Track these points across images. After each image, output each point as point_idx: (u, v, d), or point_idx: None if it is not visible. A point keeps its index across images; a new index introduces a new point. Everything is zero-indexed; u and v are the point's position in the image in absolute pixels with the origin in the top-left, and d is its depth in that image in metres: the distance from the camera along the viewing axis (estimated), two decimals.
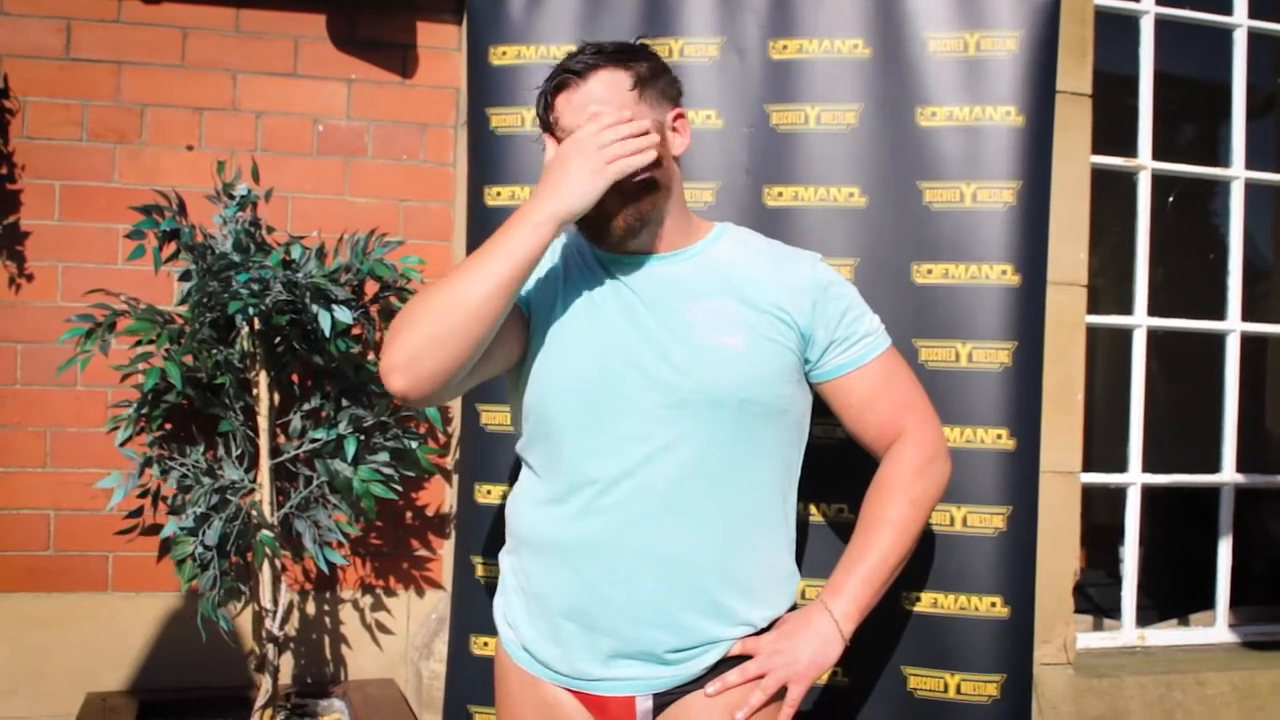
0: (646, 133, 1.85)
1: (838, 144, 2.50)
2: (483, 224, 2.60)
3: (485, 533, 2.53)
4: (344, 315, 2.95)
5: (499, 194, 2.59)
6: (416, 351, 1.82)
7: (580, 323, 1.93)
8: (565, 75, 1.89)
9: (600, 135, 1.81)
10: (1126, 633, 3.85)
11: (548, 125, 1.93)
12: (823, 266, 2.00)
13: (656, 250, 1.96)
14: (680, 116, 1.97)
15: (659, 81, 1.95)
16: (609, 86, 1.88)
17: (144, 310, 3.06)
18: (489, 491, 2.56)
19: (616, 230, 1.89)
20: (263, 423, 3.07)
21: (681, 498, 1.86)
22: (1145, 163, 3.83)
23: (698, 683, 1.90)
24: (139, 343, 3.06)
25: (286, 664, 3.44)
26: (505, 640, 2.02)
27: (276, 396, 3.14)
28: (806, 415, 2.01)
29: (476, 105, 2.64)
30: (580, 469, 1.90)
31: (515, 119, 2.59)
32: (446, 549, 3.53)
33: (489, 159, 2.61)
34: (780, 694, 1.90)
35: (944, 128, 2.47)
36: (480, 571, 2.58)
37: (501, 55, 2.60)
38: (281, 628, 3.08)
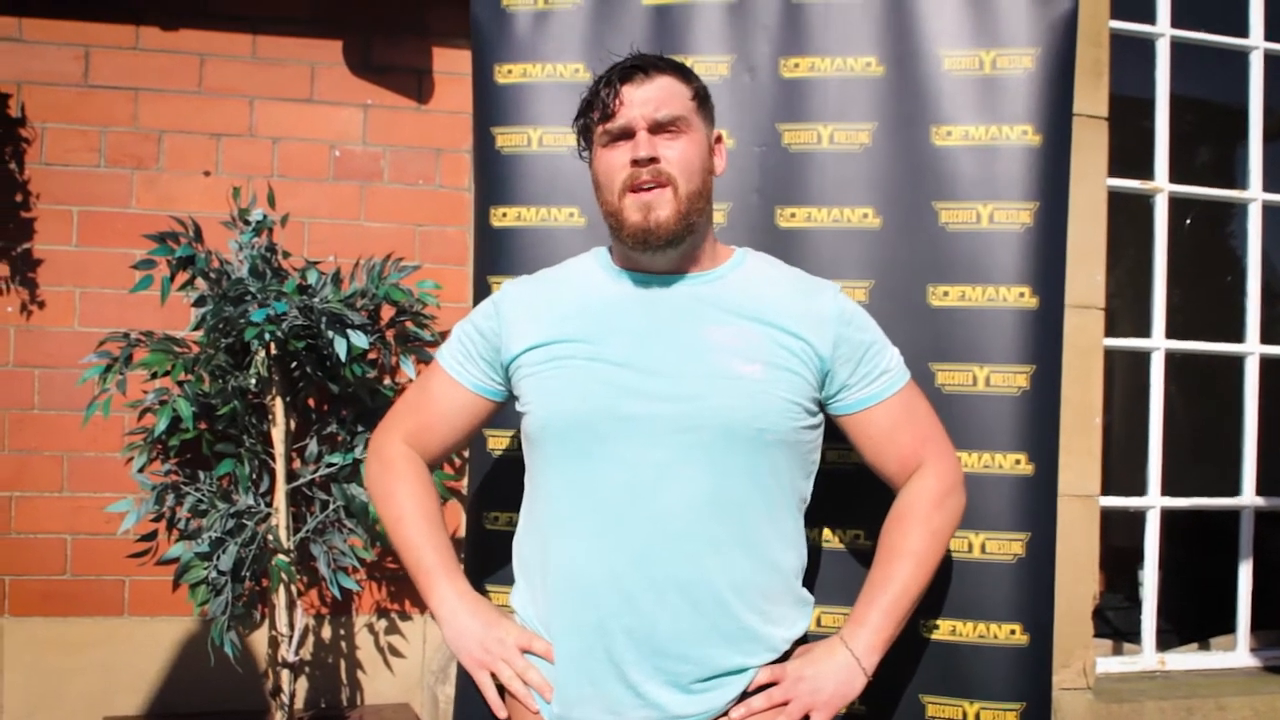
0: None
1: (851, 164, 2.46)
2: (490, 245, 2.55)
3: (494, 559, 2.51)
4: (360, 340, 2.95)
5: (505, 215, 2.54)
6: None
7: (592, 347, 1.91)
8: (633, 69, 1.90)
9: (498, 666, 1.96)
10: (1146, 657, 3.82)
11: (606, 114, 1.90)
12: (844, 298, 1.98)
13: (682, 270, 1.96)
14: (719, 140, 2.00)
15: (708, 102, 1.98)
16: (673, 91, 1.91)
17: (158, 342, 3.06)
18: (495, 518, 2.54)
19: (669, 224, 1.88)
20: (279, 448, 3.07)
21: (696, 525, 1.84)
22: (1162, 185, 3.82)
23: (721, 718, 1.88)
24: (154, 375, 3.07)
25: (302, 688, 3.43)
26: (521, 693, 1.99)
27: (293, 421, 3.14)
28: (819, 443, 2.00)
29: (482, 125, 2.60)
30: (591, 498, 1.88)
31: (521, 138, 2.55)
32: (462, 573, 3.52)
33: (495, 179, 2.57)
34: None
35: (959, 147, 2.43)
36: (496, 599, 2.56)
37: (507, 74, 2.57)
38: (297, 653, 3.07)
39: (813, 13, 2.50)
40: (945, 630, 2.39)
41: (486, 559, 2.51)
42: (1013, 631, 2.37)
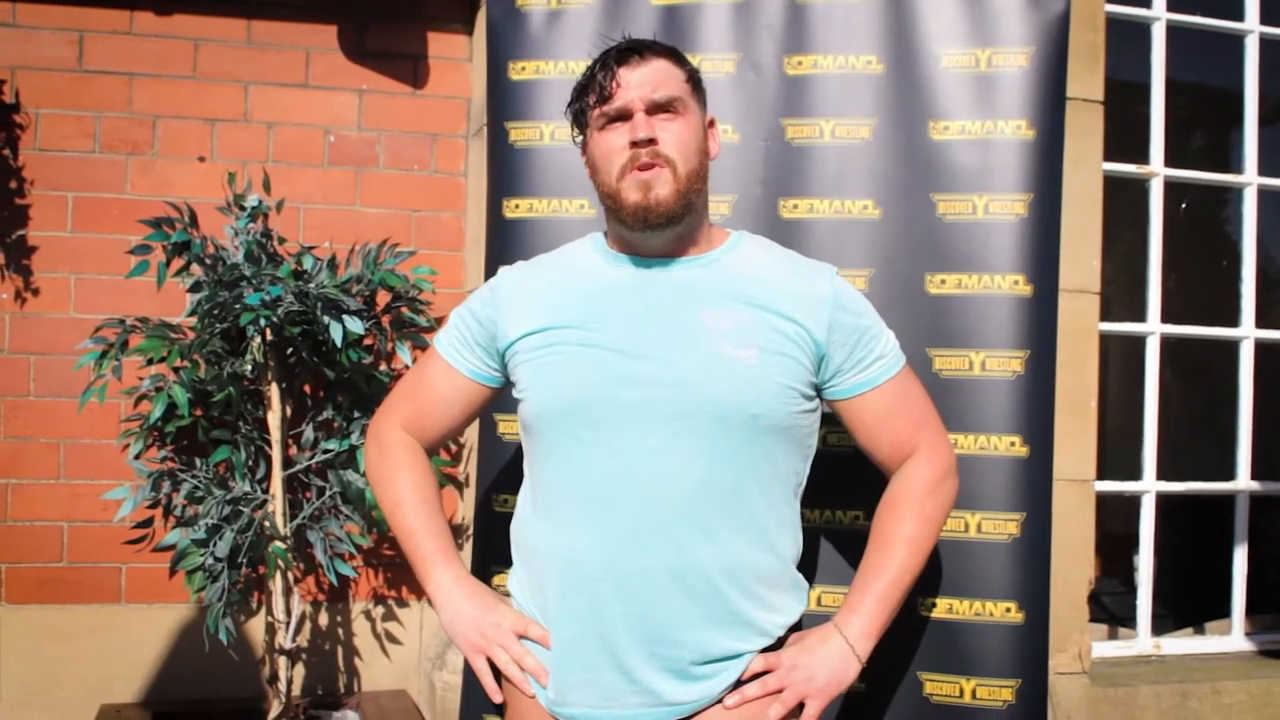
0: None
1: (852, 157, 2.51)
2: (502, 235, 2.62)
3: (503, 542, 2.52)
4: (355, 326, 2.95)
5: (517, 206, 2.60)
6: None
7: (587, 333, 1.91)
8: (628, 52, 1.91)
9: (494, 651, 1.97)
10: (1142, 641, 3.83)
11: (603, 96, 1.90)
12: (840, 281, 1.98)
13: (676, 254, 1.96)
14: (713, 124, 2.02)
15: (701, 85, 2.00)
16: (668, 73, 1.92)
17: (154, 328, 3.06)
18: (505, 500, 2.56)
19: (669, 202, 1.88)
20: (275, 434, 3.07)
21: (690, 511, 1.84)
22: (1157, 169, 3.82)
23: (714, 706, 1.88)
24: (150, 361, 3.06)
25: (299, 675, 3.44)
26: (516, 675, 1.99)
27: (288, 408, 3.14)
28: (816, 427, 2.00)
29: (495, 119, 2.66)
30: (585, 484, 1.87)
31: (534, 133, 2.61)
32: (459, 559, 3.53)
33: (507, 172, 2.63)
34: (798, 709, 1.89)
35: (956, 141, 2.48)
36: (497, 581, 2.58)
37: (520, 70, 2.63)
38: (294, 640, 3.07)
39: (815, 12, 2.56)
40: (942, 608, 2.43)
41: (495, 542, 2.53)
42: (1008, 609, 2.41)
